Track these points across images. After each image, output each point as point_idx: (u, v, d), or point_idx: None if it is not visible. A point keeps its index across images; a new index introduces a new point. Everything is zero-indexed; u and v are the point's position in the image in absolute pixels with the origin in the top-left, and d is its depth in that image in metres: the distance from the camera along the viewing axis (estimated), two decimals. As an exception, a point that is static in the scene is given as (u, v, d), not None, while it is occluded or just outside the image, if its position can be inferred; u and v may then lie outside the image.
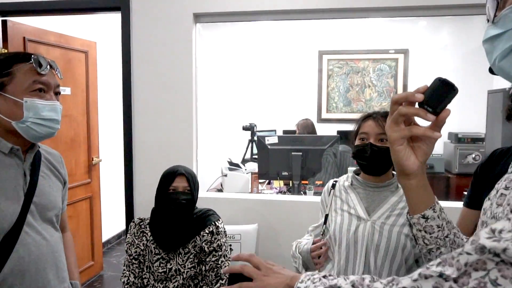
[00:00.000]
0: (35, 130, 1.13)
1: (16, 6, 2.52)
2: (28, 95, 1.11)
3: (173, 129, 2.41)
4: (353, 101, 5.10)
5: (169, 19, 2.36)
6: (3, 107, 1.11)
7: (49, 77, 1.15)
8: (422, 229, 0.84)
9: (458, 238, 0.86)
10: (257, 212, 2.39)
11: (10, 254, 1.08)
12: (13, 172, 1.14)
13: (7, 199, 1.10)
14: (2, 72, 1.10)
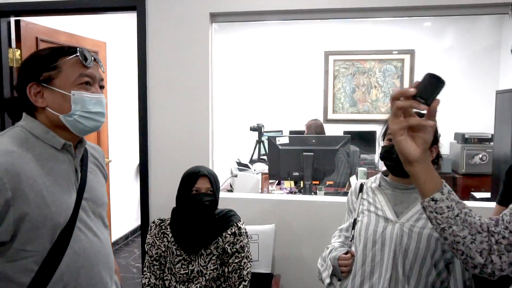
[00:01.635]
0: (82, 124, 1.11)
1: (30, 6, 2.51)
2: (75, 88, 1.09)
3: (189, 129, 2.40)
4: (359, 102, 5.10)
5: (185, 18, 2.36)
6: (51, 101, 1.09)
7: (94, 70, 1.13)
8: (434, 211, 0.91)
9: (470, 217, 0.92)
10: (274, 212, 2.38)
11: (66, 250, 1.06)
12: (66, 168, 1.12)
13: (63, 194, 1.08)
14: (49, 66, 1.08)
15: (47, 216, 1.03)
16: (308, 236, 2.37)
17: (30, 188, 1.00)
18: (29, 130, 1.08)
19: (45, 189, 1.03)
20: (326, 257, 1.56)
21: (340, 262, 1.47)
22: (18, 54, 2.66)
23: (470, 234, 0.91)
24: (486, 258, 0.91)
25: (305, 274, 2.38)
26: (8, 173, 0.97)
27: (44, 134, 1.09)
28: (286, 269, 2.38)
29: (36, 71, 1.08)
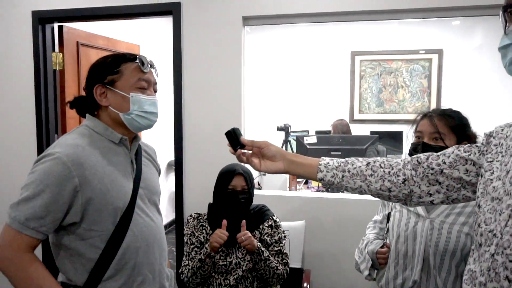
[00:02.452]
0: (137, 122, 1.26)
1: (72, 13, 2.65)
2: (133, 90, 1.24)
3: (221, 129, 2.48)
4: (386, 102, 5.10)
5: (218, 22, 2.45)
6: (113, 101, 1.25)
7: (150, 75, 1.28)
8: (328, 185, 1.10)
9: (355, 168, 1.08)
10: (304, 209, 2.45)
11: (126, 232, 1.22)
12: (123, 160, 1.27)
13: (121, 182, 1.23)
14: (113, 70, 1.24)
15: (108, 201, 1.18)
16: (337, 233, 2.43)
17: (93, 176, 1.17)
18: (92, 128, 1.26)
19: (106, 177, 1.19)
20: (363, 250, 1.63)
21: (379, 256, 1.55)
22: (61, 57, 2.82)
23: (362, 181, 1.07)
24: (390, 189, 1.06)
25: (335, 270, 2.44)
26: (74, 163, 1.14)
27: (104, 130, 1.26)
28: (316, 264, 2.44)
29: (102, 74, 1.25)
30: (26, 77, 2.74)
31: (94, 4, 2.61)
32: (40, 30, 2.71)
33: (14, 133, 2.81)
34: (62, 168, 1.12)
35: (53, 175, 1.11)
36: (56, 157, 1.13)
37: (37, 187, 1.11)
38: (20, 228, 1.10)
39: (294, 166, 1.11)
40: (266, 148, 1.12)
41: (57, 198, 1.12)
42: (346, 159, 1.10)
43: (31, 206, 1.10)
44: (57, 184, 1.11)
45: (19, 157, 2.80)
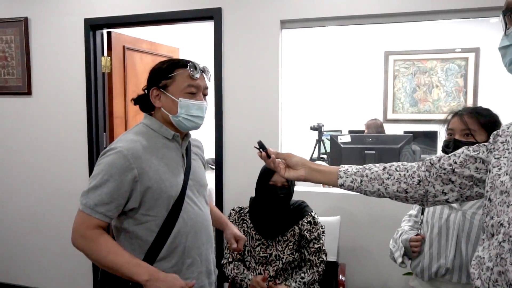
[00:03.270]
0: (184, 124, 1.39)
1: (120, 19, 2.85)
2: (182, 95, 1.37)
3: (260, 128, 2.61)
4: (420, 102, 5.08)
5: (257, 26, 2.57)
6: (165, 103, 1.38)
7: (200, 80, 1.40)
8: (348, 189, 1.18)
9: (373, 173, 1.16)
10: (339, 205, 2.54)
11: (177, 218, 1.36)
12: (175, 154, 1.41)
13: (174, 173, 1.38)
14: (167, 76, 1.37)
15: (163, 190, 1.33)
16: (371, 228, 2.50)
17: (150, 168, 1.32)
18: (148, 126, 1.42)
19: (160, 169, 1.34)
20: (398, 239, 1.72)
21: (411, 244, 1.65)
22: (109, 61, 3.02)
23: (379, 184, 1.15)
24: (406, 191, 1.13)
25: (369, 264, 2.51)
26: (133, 156, 1.29)
27: (159, 127, 1.41)
28: (351, 258, 2.52)
29: (158, 78, 1.38)
30: (79, 79, 2.96)
31: (140, 11, 2.79)
32: (91, 36, 2.92)
33: (68, 130, 3.03)
34: (123, 160, 1.26)
35: (116, 167, 1.26)
36: (118, 151, 1.27)
37: (102, 177, 1.26)
38: (90, 212, 1.26)
39: (315, 174, 1.21)
40: (289, 158, 1.23)
41: (120, 187, 1.27)
42: (364, 165, 1.19)
43: (98, 194, 1.26)
44: (119, 174, 1.26)
45: (72, 152, 3.03)
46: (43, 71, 3.06)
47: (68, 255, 3.08)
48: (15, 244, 3.26)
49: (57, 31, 2.99)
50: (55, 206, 3.10)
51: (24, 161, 3.17)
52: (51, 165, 3.10)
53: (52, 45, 3.02)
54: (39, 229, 3.17)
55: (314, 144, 4.68)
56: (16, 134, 3.18)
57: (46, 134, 3.10)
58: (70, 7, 2.95)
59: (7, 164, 3.22)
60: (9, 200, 3.24)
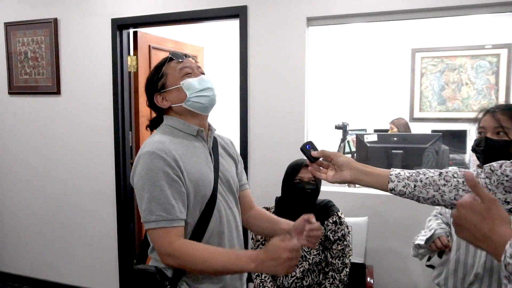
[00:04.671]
0: (199, 102, 1.35)
1: (146, 19, 2.87)
2: (182, 79, 1.35)
3: (285, 126, 2.59)
4: (449, 100, 4.93)
5: (283, 24, 2.54)
6: (172, 98, 1.36)
7: (188, 62, 1.39)
8: (399, 195, 1.09)
9: (427, 178, 1.07)
10: (367, 206, 2.48)
11: (211, 217, 1.31)
12: (202, 151, 1.37)
13: (205, 171, 1.33)
14: (159, 76, 1.37)
15: (199, 187, 1.29)
16: (400, 230, 2.44)
17: (185, 165, 1.27)
18: (171, 125, 1.37)
19: (193, 167, 1.29)
20: (433, 228, 1.65)
21: (437, 240, 1.59)
22: (135, 60, 3.05)
23: (435, 190, 1.06)
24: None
25: (398, 267, 2.45)
26: (167, 154, 1.24)
27: (182, 125, 1.36)
28: (378, 260, 2.47)
29: (154, 86, 1.38)
30: (105, 78, 3.00)
31: (165, 10, 2.80)
32: (117, 35, 2.95)
33: (94, 129, 3.08)
34: (159, 159, 1.22)
35: (156, 168, 1.21)
36: (149, 153, 1.23)
37: (151, 185, 1.21)
38: (165, 224, 1.20)
39: (362, 176, 1.11)
40: (335, 158, 1.15)
41: (172, 183, 1.22)
42: (417, 170, 1.11)
43: (159, 202, 1.20)
44: (164, 172, 1.21)
45: (99, 150, 3.08)
46: (72, 71, 3.12)
47: (96, 252, 3.14)
48: (43, 241, 3.34)
49: (85, 32, 3.04)
50: (82, 204, 3.15)
51: (53, 159, 3.24)
52: (79, 164, 3.16)
53: (80, 45, 3.07)
54: (65, 226, 3.24)
55: (338, 143, 4.61)
56: (45, 133, 3.25)
57: (74, 133, 3.15)
58: (98, 8, 2.99)
59: (37, 162, 3.30)
60: (38, 197, 3.32)
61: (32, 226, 3.36)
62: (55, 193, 3.25)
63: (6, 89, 3.34)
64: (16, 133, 3.35)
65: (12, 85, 3.32)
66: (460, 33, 4.74)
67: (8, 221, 3.45)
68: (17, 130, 3.35)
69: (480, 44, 4.71)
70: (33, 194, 3.34)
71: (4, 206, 3.46)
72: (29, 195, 3.35)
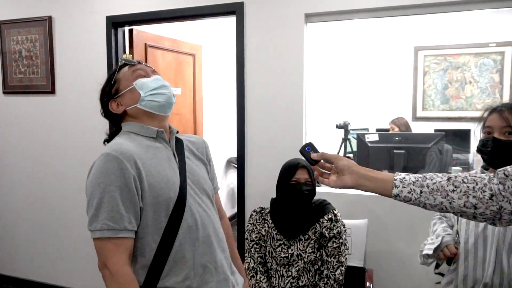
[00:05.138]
0: (154, 101, 1.27)
1: (141, 16, 2.80)
2: (134, 80, 1.29)
3: (283, 126, 2.52)
4: (452, 98, 4.85)
5: (281, 20, 2.47)
6: (126, 101, 1.29)
7: (142, 67, 1.34)
8: (404, 201, 1.02)
9: (435, 183, 1.00)
10: (366, 207, 2.41)
11: (180, 224, 1.19)
12: (165, 153, 1.27)
13: (169, 173, 1.23)
14: (111, 83, 1.32)
15: (159, 192, 1.17)
16: (401, 233, 2.37)
17: (142, 167, 1.17)
18: (129, 131, 1.29)
19: (152, 169, 1.19)
20: (439, 234, 1.57)
21: (445, 249, 1.51)
22: (131, 59, 2.98)
23: (443, 197, 0.98)
24: (476, 206, 0.96)
25: (399, 271, 2.38)
26: (124, 155, 1.14)
27: (140, 128, 1.28)
28: (378, 264, 2.40)
29: (107, 93, 1.32)
30: (100, 77, 2.92)
31: (161, 7, 2.74)
32: (113, 33, 2.89)
33: (90, 129, 3.02)
34: (115, 161, 1.12)
35: (110, 171, 1.12)
36: (105, 154, 1.13)
37: (103, 189, 1.12)
38: (111, 234, 1.11)
39: (364, 181, 1.05)
40: (336, 161, 1.09)
41: (126, 190, 1.13)
42: (424, 174, 1.03)
43: (109, 209, 1.12)
44: (119, 176, 1.12)
45: (93, 151, 3.00)
46: (66, 69, 3.06)
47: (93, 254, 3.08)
48: (39, 242, 3.29)
49: (80, 30, 2.98)
50: (77, 205, 3.10)
51: (48, 160, 3.18)
52: (74, 163, 3.10)
53: (75, 43, 3.01)
54: (61, 228, 3.18)
55: (340, 143, 4.54)
56: (41, 133, 3.19)
57: (69, 133, 3.10)
58: (93, 5, 2.93)
59: (31, 162, 3.25)
60: (32, 197, 3.27)
61: (28, 227, 3.31)
62: (51, 193, 3.20)
63: (1, 88, 3.29)
64: (11, 133, 3.30)
65: (6, 85, 3.27)
66: (464, 31, 4.66)
67: (3, 221, 3.41)
68: (12, 130, 3.29)
69: (484, 42, 4.63)
70: (28, 195, 3.29)
71: (12, 211, 3.41)
72: (25, 196, 3.30)
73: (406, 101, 5.00)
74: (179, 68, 3.53)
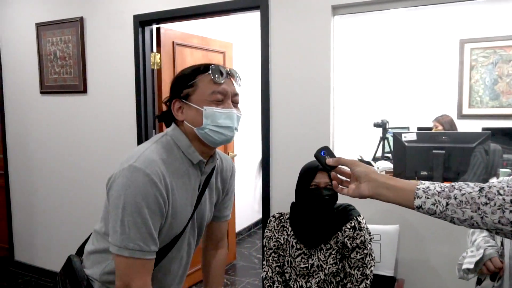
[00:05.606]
0: (212, 137, 1.16)
1: (168, 14, 2.78)
2: (207, 104, 1.15)
3: (310, 125, 2.40)
4: (503, 94, 4.49)
5: (307, 13, 2.35)
6: (188, 115, 1.18)
7: (226, 85, 1.18)
8: (428, 214, 0.91)
9: (464, 194, 0.86)
10: (398, 212, 2.24)
11: (167, 254, 1.22)
12: (193, 184, 1.22)
13: (186, 208, 1.20)
14: (188, 84, 1.17)
15: (175, 225, 1.18)
16: (436, 241, 2.18)
17: (171, 197, 1.14)
18: (175, 141, 1.19)
19: (178, 201, 1.16)
20: (480, 247, 1.42)
21: (488, 263, 1.36)
22: (158, 58, 2.98)
23: (473, 211, 0.85)
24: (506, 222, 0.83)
25: (432, 281, 2.19)
26: (158, 177, 1.09)
27: (187, 148, 1.19)
28: (410, 273, 2.22)
29: (179, 88, 1.19)
30: (128, 76, 2.95)
31: (184, 5, 2.70)
32: (140, 32, 2.90)
33: (119, 127, 3.05)
34: (147, 179, 1.08)
35: (141, 187, 1.09)
36: (145, 174, 1.08)
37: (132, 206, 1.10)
38: (140, 255, 1.11)
39: (383, 190, 0.95)
40: (353, 167, 0.99)
41: (155, 212, 1.13)
42: (452, 184, 0.89)
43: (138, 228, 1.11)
44: (150, 196, 1.10)
45: (122, 149, 3.04)
46: (97, 69, 3.11)
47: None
48: (73, 237, 3.37)
49: (109, 29, 3.01)
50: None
51: (79, 156, 3.25)
52: (103, 162, 3.14)
53: (104, 43, 3.05)
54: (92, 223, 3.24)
55: (377, 142, 4.33)
56: (73, 131, 3.27)
57: (100, 132, 3.15)
58: (121, 4, 2.95)
59: (63, 158, 3.33)
60: (67, 193, 3.35)
61: (62, 222, 3.40)
62: (79, 189, 3.27)
63: (38, 88, 3.40)
64: (48, 131, 3.40)
65: (43, 85, 3.37)
66: (516, 21, 4.28)
67: (39, 216, 3.53)
68: (49, 128, 3.40)
69: (540, 32, 4.23)
70: (62, 190, 3.38)
71: (36, 201, 3.54)
72: (59, 191, 3.39)
73: (451, 98, 4.68)
74: (209, 66, 3.49)
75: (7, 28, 3.52)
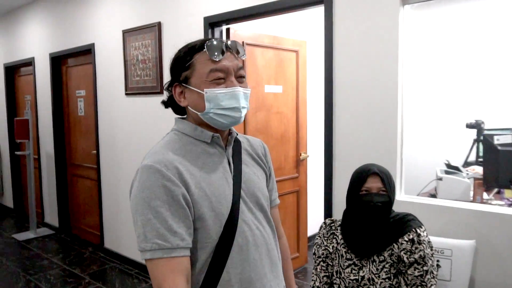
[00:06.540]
0: (218, 121, 1.07)
1: (235, 14, 2.79)
2: (208, 85, 1.04)
3: (375, 125, 2.22)
4: None
5: (372, 5, 2.18)
6: (191, 100, 1.08)
7: (227, 61, 1.06)
8: None
9: None
10: (475, 226, 1.96)
11: (232, 243, 1.04)
12: (218, 161, 1.09)
13: (221, 186, 1.06)
14: (185, 66, 1.07)
15: (210, 208, 1.02)
16: (523, 262, 1.85)
17: (190, 181, 1.01)
18: (181, 131, 1.11)
19: (202, 181, 1.03)
20: None
21: None
22: (227, 58, 3.01)
23: None
24: None
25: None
26: (168, 168, 0.99)
27: (193, 131, 1.10)
28: (488, 298, 1.92)
29: (178, 72, 1.09)
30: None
31: (249, 4, 2.68)
32: (210, 33, 2.96)
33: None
34: (158, 174, 0.98)
35: (154, 184, 0.98)
36: (146, 167, 1.00)
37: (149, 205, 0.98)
38: (163, 254, 0.98)
39: None
40: None
41: (173, 203, 1.00)
42: None
43: (157, 225, 0.98)
44: (164, 189, 0.98)
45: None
46: (172, 71, 3.25)
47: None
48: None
49: (182, 32, 3.14)
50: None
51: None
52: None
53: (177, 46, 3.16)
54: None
55: (471, 144, 3.88)
56: (151, 129, 3.47)
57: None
58: (191, 7, 3.05)
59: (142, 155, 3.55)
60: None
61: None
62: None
63: (123, 90, 3.68)
64: (130, 130, 3.67)
65: (127, 87, 3.64)
66: None
67: (125, 209, 3.81)
68: (131, 126, 3.66)
69: None
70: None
71: (121, 193, 3.83)
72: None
73: None
74: (280, 65, 3.44)
75: (99, 36, 3.87)
